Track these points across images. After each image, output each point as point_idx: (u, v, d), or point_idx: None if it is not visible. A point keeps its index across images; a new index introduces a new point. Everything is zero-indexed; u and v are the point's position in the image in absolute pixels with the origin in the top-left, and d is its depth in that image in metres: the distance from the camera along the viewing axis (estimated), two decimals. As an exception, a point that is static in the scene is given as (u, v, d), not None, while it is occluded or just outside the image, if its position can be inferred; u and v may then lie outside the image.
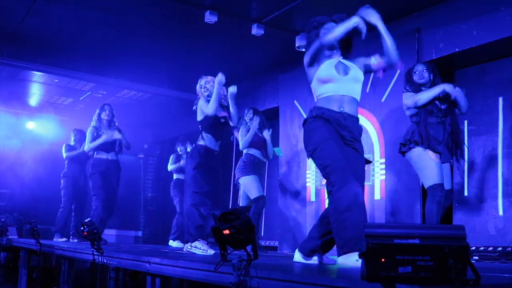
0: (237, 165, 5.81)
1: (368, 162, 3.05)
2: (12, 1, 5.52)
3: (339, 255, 2.73)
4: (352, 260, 2.61)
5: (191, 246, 4.25)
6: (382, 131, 5.49)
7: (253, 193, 5.62)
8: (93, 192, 6.22)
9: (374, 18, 2.98)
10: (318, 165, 2.89)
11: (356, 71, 3.04)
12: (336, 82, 2.95)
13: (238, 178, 5.73)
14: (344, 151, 2.84)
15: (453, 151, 4.18)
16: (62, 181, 7.21)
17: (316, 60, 3.02)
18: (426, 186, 4.08)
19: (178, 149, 7.69)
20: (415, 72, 4.26)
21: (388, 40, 3.01)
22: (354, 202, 2.69)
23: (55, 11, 5.70)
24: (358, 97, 3.04)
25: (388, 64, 3.06)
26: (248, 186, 5.67)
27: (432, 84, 4.24)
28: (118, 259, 3.61)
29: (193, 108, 4.65)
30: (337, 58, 3.07)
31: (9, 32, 6.27)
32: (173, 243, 6.93)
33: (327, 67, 2.98)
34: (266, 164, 6.05)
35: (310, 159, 3.00)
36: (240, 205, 5.89)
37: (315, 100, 3.07)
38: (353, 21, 2.93)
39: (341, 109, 2.93)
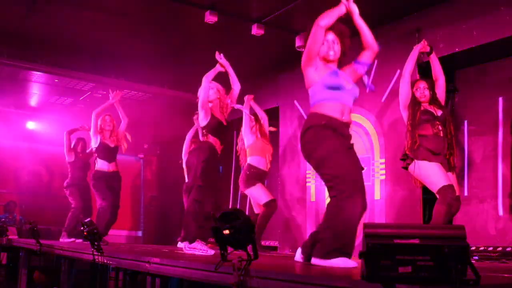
0: (240, 176, 5.78)
1: (362, 168, 3.07)
2: (12, 1, 5.52)
3: (320, 257, 2.76)
4: (332, 263, 2.69)
5: (189, 247, 4.24)
6: (382, 131, 5.49)
7: (263, 199, 5.60)
8: (102, 196, 6.22)
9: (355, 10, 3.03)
10: (326, 174, 2.88)
11: (355, 87, 3.08)
12: (342, 91, 2.99)
13: (244, 190, 5.72)
14: (354, 162, 2.90)
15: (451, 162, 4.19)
16: (67, 191, 7.09)
17: (314, 54, 3.00)
18: (436, 190, 4.05)
19: None
20: (416, 89, 4.30)
21: (367, 32, 3.08)
22: (355, 217, 2.77)
23: (55, 11, 5.70)
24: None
25: (371, 52, 3.11)
26: (256, 195, 5.66)
27: (431, 100, 4.28)
28: (118, 259, 3.61)
29: (193, 117, 4.63)
30: (334, 67, 3.08)
31: (9, 32, 6.27)
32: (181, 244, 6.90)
33: (334, 75, 3.00)
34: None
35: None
36: (255, 212, 5.84)
37: (314, 102, 3.05)
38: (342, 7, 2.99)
39: (343, 117, 2.98)
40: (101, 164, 6.28)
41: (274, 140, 6.68)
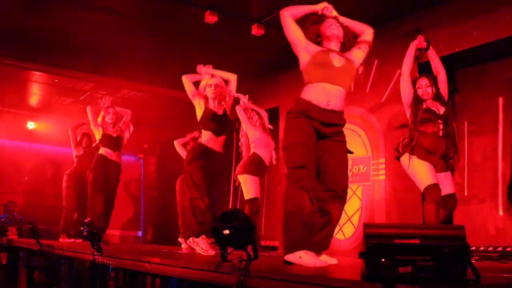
0: (243, 160, 5.74)
1: (350, 152, 3.10)
2: (12, 1, 5.52)
3: (284, 253, 2.76)
4: (296, 257, 2.66)
5: (193, 241, 4.24)
6: (382, 131, 5.49)
7: (250, 193, 5.55)
8: (93, 186, 6.21)
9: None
10: (286, 162, 2.95)
11: (350, 65, 3.05)
12: (329, 69, 2.96)
13: (239, 174, 5.66)
14: (311, 157, 2.88)
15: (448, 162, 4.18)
16: (66, 179, 7.16)
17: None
18: (422, 189, 4.10)
19: None
20: (418, 88, 4.26)
21: (354, 24, 3.15)
22: (297, 207, 2.77)
23: (55, 11, 5.70)
24: (347, 90, 3.05)
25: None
26: (247, 185, 5.59)
27: (435, 97, 4.25)
28: (118, 259, 3.61)
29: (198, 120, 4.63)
30: (334, 48, 3.08)
31: (9, 32, 6.27)
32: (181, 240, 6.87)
33: (323, 53, 3.01)
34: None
35: None
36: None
37: (304, 84, 3.06)
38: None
39: (328, 103, 2.93)
40: (104, 151, 6.28)
41: (274, 140, 6.67)
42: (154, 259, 3.04)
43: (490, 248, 4.68)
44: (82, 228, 3.80)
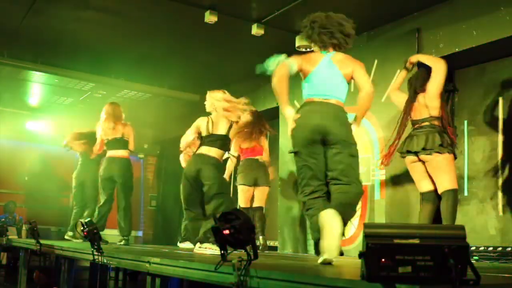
0: (264, 172, 5.84)
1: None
2: (12, 1, 5.52)
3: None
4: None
5: (200, 247, 4.25)
6: (382, 131, 5.48)
7: (263, 203, 5.84)
8: (131, 193, 6.33)
9: None
10: (352, 155, 3.24)
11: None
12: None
13: (264, 186, 5.83)
14: None
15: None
16: (76, 181, 6.90)
17: None
18: (447, 188, 4.15)
19: None
20: None
21: None
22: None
23: (55, 11, 5.70)
24: None
25: None
26: (265, 195, 5.89)
27: None
28: (118, 259, 3.61)
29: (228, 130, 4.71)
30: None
31: (9, 32, 6.27)
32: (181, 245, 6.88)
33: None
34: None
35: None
36: (246, 205, 5.94)
37: (339, 96, 3.44)
38: None
39: None
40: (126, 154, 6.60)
41: (275, 140, 6.68)
42: (154, 259, 3.04)
43: (490, 248, 4.68)
44: (82, 228, 3.78)
